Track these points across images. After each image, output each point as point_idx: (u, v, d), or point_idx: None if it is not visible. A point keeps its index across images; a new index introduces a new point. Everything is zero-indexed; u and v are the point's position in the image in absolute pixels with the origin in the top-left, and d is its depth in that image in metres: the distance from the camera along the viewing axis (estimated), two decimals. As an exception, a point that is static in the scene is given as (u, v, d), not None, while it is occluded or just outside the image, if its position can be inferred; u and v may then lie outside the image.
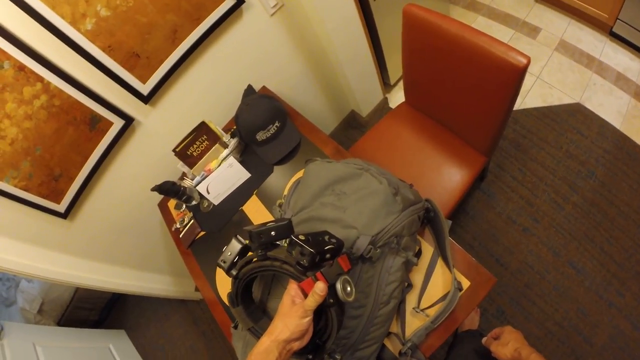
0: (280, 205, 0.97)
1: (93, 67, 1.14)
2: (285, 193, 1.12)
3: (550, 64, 2.00)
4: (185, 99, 1.40)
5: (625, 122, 1.75)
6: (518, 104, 1.17)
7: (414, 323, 0.89)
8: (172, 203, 1.43)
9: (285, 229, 0.63)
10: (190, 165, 1.32)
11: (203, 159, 1.31)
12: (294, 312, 0.59)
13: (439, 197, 1.29)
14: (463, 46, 1.02)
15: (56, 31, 1.04)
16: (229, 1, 1.29)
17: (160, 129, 1.41)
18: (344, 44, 1.60)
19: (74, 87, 1.15)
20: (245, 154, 1.35)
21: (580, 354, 1.41)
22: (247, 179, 1.29)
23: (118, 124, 1.29)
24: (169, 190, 1.21)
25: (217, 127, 1.34)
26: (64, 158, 1.25)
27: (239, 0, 1.31)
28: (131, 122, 1.31)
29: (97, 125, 1.26)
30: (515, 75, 0.94)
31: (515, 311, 1.54)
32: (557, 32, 2.08)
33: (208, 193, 1.26)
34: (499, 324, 1.52)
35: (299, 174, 1.22)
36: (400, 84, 2.22)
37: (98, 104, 1.22)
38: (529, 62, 0.91)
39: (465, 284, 0.91)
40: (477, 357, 1.01)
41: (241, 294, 0.71)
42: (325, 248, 0.63)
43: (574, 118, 1.82)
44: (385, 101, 2.15)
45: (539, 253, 1.60)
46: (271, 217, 1.17)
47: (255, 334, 0.73)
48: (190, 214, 1.33)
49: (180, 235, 1.31)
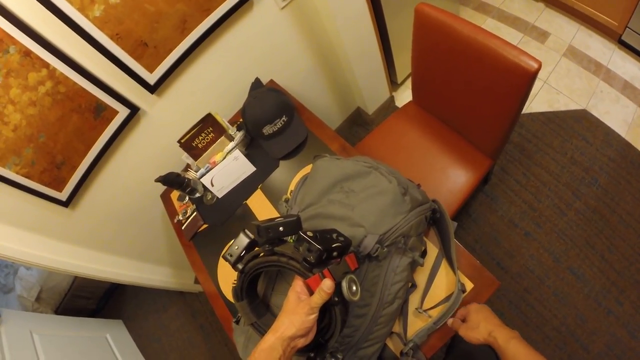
0: (286, 201, 0.96)
1: (100, 55, 1.12)
2: (291, 188, 1.11)
3: (558, 69, 2.00)
4: (192, 90, 1.39)
5: (630, 131, 1.74)
6: (524, 108, 1.16)
7: (416, 323, 0.89)
8: (175, 194, 1.42)
9: (294, 225, 0.63)
10: (195, 157, 1.31)
11: (208, 151, 1.30)
12: (300, 309, 0.58)
13: (443, 198, 1.29)
14: (474, 48, 1.01)
15: (64, 17, 1.02)
16: (240, -7, 1.28)
17: (165, 119, 1.39)
18: (353, 40, 1.58)
19: (80, 75, 1.14)
20: (251, 148, 1.34)
21: (577, 360, 1.41)
22: (252, 173, 1.28)
23: (123, 113, 1.27)
24: (173, 181, 1.21)
25: (224, 120, 1.33)
26: (68, 146, 1.24)
27: (250, -8, 1.30)
28: (136, 112, 1.30)
29: (102, 114, 1.24)
30: (526, 80, 0.94)
31: (514, 315, 1.54)
32: (566, 38, 2.07)
33: (212, 186, 1.25)
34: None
35: (305, 169, 1.21)
36: (407, 83, 2.21)
37: (104, 92, 1.20)
38: (540, 67, 0.90)
39: (469, 286, 0.91)
40: (476, 356, 1.00)
41: (246, 288, 0.71)
42: (333, 246, 0.62)
43: (579, 124, 1.82)
44: (391, 99, 2.14)
45: (539, 258, 1.60)
46: (276, 212, 1.16)
47: (258, 329, 0.73)
48: (193, 206, 1.32)
49: (183, 228, 1.30)
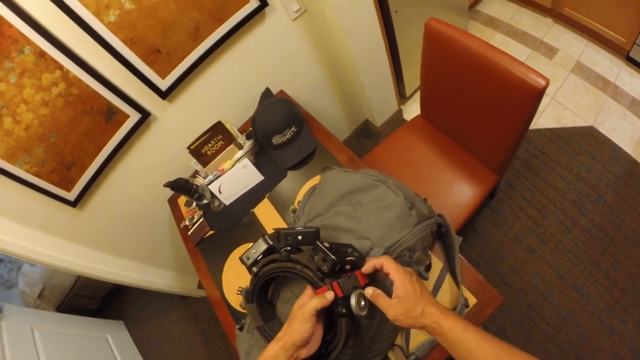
0: (293, 211, 0.97)
1: (113, 59, 1.15)
2: (299, 199, 1.12)
3: (566, 85, 2.00)
4: (202, 97, 1.41)
5: (637, 148, 1.74)
6: (531, 123, 1.17)
7: (418, 337, 0.89)
8: (183, 200, 1.43)
9: (313, 235, 0.67)
10: (204, 163, 1.32)
11: (217, 159, 1.31)
12: (294, 317, 0.61)
13: (448, 213, 1.29)
14: (483, 63, 1.02)
15: (79, 20, 1.04)
16: (253, 3, 1.30)
17: (176, 125, 1.41)
18: (363, 52, 1.60)
19: (93, 78, 1.16)
20: (260, 157, 1.35)
21: (579, 378, 1.40)
22: (260, 182, 1.29)
23: (134, 117, 1.29)
24: (181, 187, 1.22)
25: (233, 128, 1.35)
26: (78, 147, 1.26)
27: (262, 3, 1.32)
28: (147, 117, 1.31)
29: (113, 117, 1.26)
30: (533, 97, 0.94)
31: (517, 331, 1.53)
32: (574, 54, 2.07)
33: (220, 193, 1.26)
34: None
35: (313, 180, 1.22)
36: (415, 97, 2.22)
37: (116, 96, 1.22)
38: (547, 85, 0.91)
39: (472, 301, 0.91)
40: None
41: (258, 292, 0.72)
42: (347, 259, 0.65)
43: (586, 141, 1.82)
44: (399, 112, 2.15)
45: (543, 274, 1.60)
46: (282, 221, 1.17)
47: (264, 333, 0.74)
48: (200, 212, 1.33)
49: (189, 233, 1.31)
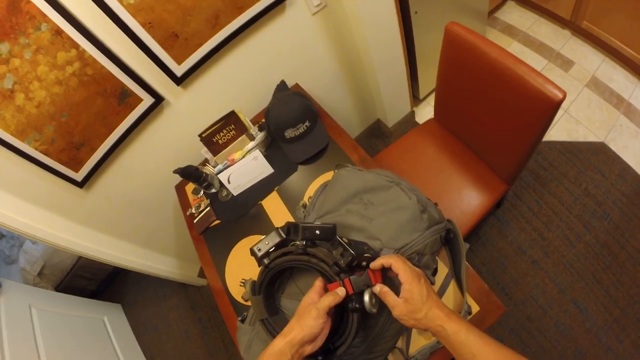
0: (304, 206, 0.96)
1: (130, 42, 1.14)
2: (309, 194, 1.11)
3: (580, 99, 1.99)
4: (217, 85, 1.40)
5: (647, 168, 1.73)
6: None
7: (419, 341, 0.89)
8: (190, 187, 1.43)
9: (330, 231, 0.68)
10: (214, 152, 1.31)
11: (228, 148, 1.31)
12: (308, 313, 0.61)
13: (455, 219, 1.25)
14: (500, 71, 1.01)
15: (98, 0, 1.03)
16: (275, -6, 1.29)
17: (188, 112, 1.40)
18: (381, 51, 1.59)
19: (109, 59, 1.15)
20: (271, 149, 1.34)
21: (573, 394, 1.40)
22: (270, 174, 1.29)
23: (148, 101, 1.28)
24: (191, 174, 1.21)
25: (246, 118, 1.34)
26: (89, 128, 1.25)
27: (284, -5, 1.31)
28: (161, 102, 1.31)
29: (126, 100, 1.26)
30: (550, 108, 0.94)
31: (514, 342, 1.53)
32: (590, 68, 2.06)
33: (229, 183, 1.25)
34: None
35: (324, 176, 1.21)
36: (428, 100, 2.22)
37: (130, 79, 1.21)
38: (564, 97, 0.90)
39: (475, 308, 0.91)
40: None
41: (266, 284, 0.72)
42: (364, 255, 0.66)
43: (596, 157, 1.81)
44: (412, 114, 2.14)
45: (544, 287, 1.59)
46: (290, 215, 1.16)
47: (267, 327, 0.74)
48: (207, 201, 1.33)
49: (195, 221, 1.31)
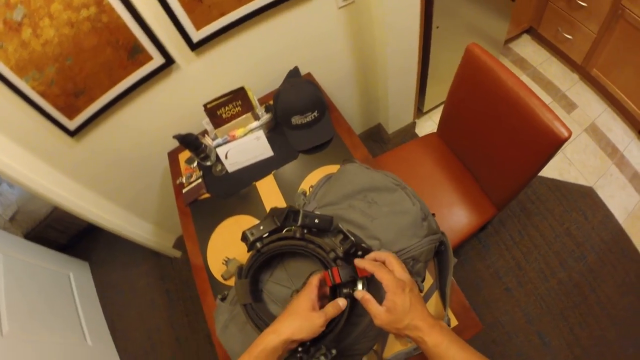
0: (304, 194, 0.95)
1: (153, -3, 1.10)
2: (311, 183, 1.09)
3: (577, 142, 2.04)
4: (231, 59, 1.37)
5: (628, 220, 1.79)
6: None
7: (395, 346, 0.90)
8: (184, 156, 1.40)
9: (328, 223, 0.70)
10: (216, 125, 1.28)
11: (231, 124, 1.28)
12: (316, 319, 0.61)
13: None
14: (513, 100, 1.02)
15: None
16: (306, -21, 1.28)
17: (197, 80, 1.37)
18: (397, 58, 1.60)
19: (127, 10, 1.11)
20: (273, 132, 1.33)
21: None
22: (269, 157, 1.27)
23: (158, 61, 1.25)
24: (190, 142, 1.18)
25: (255, 97, 1.32)
26: (92, 77, 1.21)
27: (315, -17, 1.30)
28: (171, 64, 1.27)
29: (136, 56, 1.22)
30: (554, 144, 0.96)
31: (475, 364, 1.55)
32: (592, 115, 2.12)
33: (226, 158, 1.23)
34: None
35: (323, 168, 1.21)
36: (430, 114, 2.24)
37: (145, 35, 1.18)
38: (569, 136, 0.93)
39: (454, 322, 0.92)
40: None
41: (255, 269, 0.71)
42: (362, 245, 0.68)
43: (583, 200, 1.86)
44: (413, 125, 2.16)
45: (514, 315, 1.63)
46: (283, 201, 1.15)
47: (250, 312, 0.72)
48: (200, 173, 1.30)
49: (184, 191, 1.28)
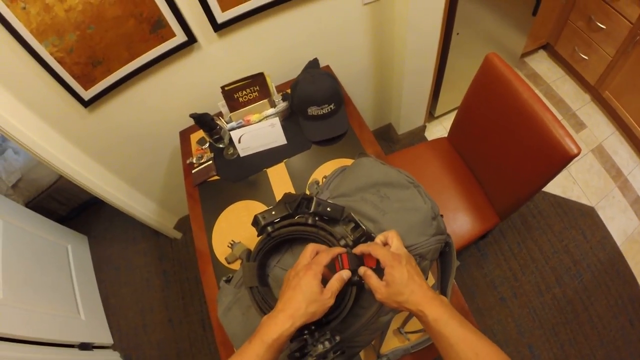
0: (317, 183, 0.95)
1: (182, -28, 1.10)
2: (325, 174, 1.10)
3: (582, 162, 2.06)
4: (253, 43, 1.37)
5: (626, 243, 1.81)
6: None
7: (392, 342, 0.91)
8: (196, 137, 1.40)
9: (339, 212, 0.73)
10: (232, 108, 1.28)
11: (247, 108, 1.28)
12: (327, 300, 0.62)
13: None
14: (528, 113, 1.04)
15: None
16: (334, -27, 1.28)
17: (217, 61, 1.37)
18: (415, 60, 1.60)
19: (156, -18, 1.11)
20: (288, 121, 1.32)
21: None
22: (282, 145, 1.27)
23: (180, 38, 1.25)
24: (206, 123, 1.18)
25: (273, 84, 1.32)
26: (112, 48, 1.20)
27: (343, -23, 1.30)
28: (193, 43, 1.27)
29: (159, 31, 1.22)
30: (563, 160, 0.97)
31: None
32: (600, 136, 2.14)
33: (239, 142, 1.23)
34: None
35: (335, 161, 1.21)
36: (441, 119, 2.25)
37: (170, 10, 1.17)
38: (579, 154, 0.95)
39: (453, 324, 0.93)
40: None
41: (264, 253, 0.71)
42: (371, 234, 0.69)
43: (583, 219, 1.88)
44: (423, 128, 2.17)
45: (506, 325, 1.64)
46: (293, 189, 1.15)
47: (255, 296, 0.73)
48: (211, 155, 1.30)
49: (193, 171, 1.28)
